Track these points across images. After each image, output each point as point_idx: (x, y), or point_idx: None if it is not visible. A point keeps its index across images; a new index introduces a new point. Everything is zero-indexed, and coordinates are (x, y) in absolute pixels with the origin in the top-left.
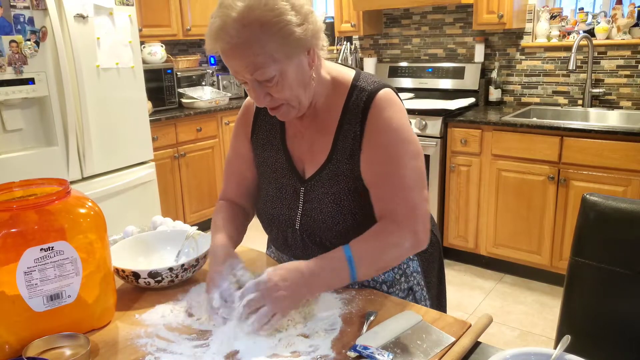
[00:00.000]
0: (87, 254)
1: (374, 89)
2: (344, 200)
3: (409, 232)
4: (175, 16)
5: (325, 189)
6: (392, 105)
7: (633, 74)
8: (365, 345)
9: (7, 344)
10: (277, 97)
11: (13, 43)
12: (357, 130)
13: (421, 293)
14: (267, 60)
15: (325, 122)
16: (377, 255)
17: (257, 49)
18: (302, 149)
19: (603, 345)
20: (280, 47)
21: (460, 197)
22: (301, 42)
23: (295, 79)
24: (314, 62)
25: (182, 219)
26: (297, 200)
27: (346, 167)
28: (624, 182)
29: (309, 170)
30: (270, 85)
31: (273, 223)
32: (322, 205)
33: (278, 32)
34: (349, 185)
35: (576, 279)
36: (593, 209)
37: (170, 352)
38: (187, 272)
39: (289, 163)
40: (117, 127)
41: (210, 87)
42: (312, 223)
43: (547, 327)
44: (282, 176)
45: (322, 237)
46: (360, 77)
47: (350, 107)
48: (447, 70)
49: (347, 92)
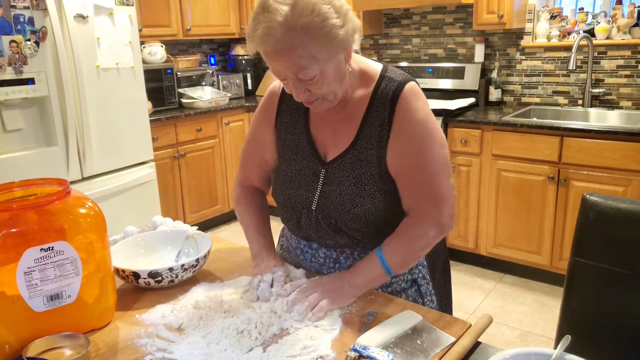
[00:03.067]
0: (87, 254)
1: (403, 80)
2: (366, 184)
3: (432, 220)
4: (175, 16)
5: (347, 173)
6: (420, 97)
7: (633, 74)
8: (365, 345)
9: (7, 344)
10: (316, 92)
11: (13, 43)
12: (385, 117)
13: (426, 287)
14: (311, 61)
15: (352, 110)
16: (405, 247)
17: (302, 52)
18: (325, 133)
19: (603, 345)
20: (324, 49)
21: (460, 197)
22: (343, 42)
23: (334, 75)
24: (350, 57)
25: (182, 219)
26: (316, 182)
27: (371, 153)
28: (624, 182)
29: (331, 154)
30: (311, 83)
31: (289, 203)
32: (342, 188)
33: (323, 36)
34: (372, 170)
35: (576, 279)
36: (593, 209)
37: (170, 352)
38: (187, 272)
39: (310, 146)
40: (117, 127)
41: (210, 87)
42: (330, 205)
43: (547, 327)
44: (303, 158)
45: (337, 220)
46: (388, 69)
47: (378, 95)
48: (447, 70)
49: (376, 82)
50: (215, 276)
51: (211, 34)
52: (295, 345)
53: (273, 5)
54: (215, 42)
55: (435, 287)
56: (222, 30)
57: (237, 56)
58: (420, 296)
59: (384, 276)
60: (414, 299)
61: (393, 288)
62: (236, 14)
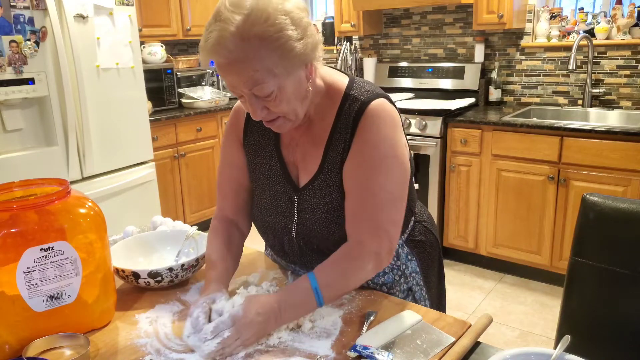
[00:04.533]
0: (87, 254)
1: (366, 99)
2: (338, 210)
3: (372, 254)
4: (175, 16)
5: (318, 199)
6: (383, 118)
7: (633, 74)
8: (365, 345)
9: (7, 344)
10: (275, 110)
11: (13, 43)
12: (346, 140)
13: (420, 293)
14: (266, 76)
15: (318, 132)
16: (342, 281)
17: (257, 64)
18: (296, 156)
19: (603, 345)
20: (280, 63)
21: (460, 197)
22: (301, 57)
23: (293, 93)
24: (312, 75)
25: (182, 219)
26: (292, 209)
27: (338, 178)
28: (624, 182)
29: (303, 179)
30: (268, 99)
31: (269, 230)
32: (315, 215)
33: (278, 48)
34: (341, 196)
35: (576, 279)
36: (593, 209)
37: (170, 352)
38: (187, 272)
39: (283, 170)
40: (117, 127)
41: (210, 87)
42: (308, 232)
43: (547, 327)
44: (277, 183)
45: (319, 245)
46: (354, 85)
47: (342, 117)
48: (447, 70)
49: (341, 100)
50: None
51: None
52: (295, 345)
53: (225, 14)
54: None
55: (429, 291)
56: None
57: None
58: (415, 302)
59: (314, 309)
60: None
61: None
62: None
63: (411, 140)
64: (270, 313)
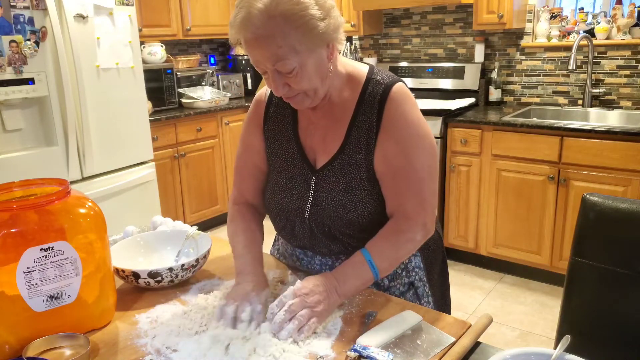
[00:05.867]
0: (87, 254)
1: (390, 82)
2: (357, 189)
3: (419, 225)
4: (175, 16)
5: (337, 178)
6: (408, 99)
7: (633, 74)
8: (365, 345)
9: (7, 344)
10: (295, 87)
11: (13, 43)
12: (372, 121)
13: (423, 289)
14: (289, 52)
15: (339, 114)
16: (394, 252)
17: (280, 41)
18: (314, 139)
19: (603, 345)
20: (303, 40)
21: (460, 197)
22: (323, 36)
23: (314, 71)
24: (333, 56)
25: (182, 219)
26: (307, 190)
27: (360, 157)
28: (624, 182)
29: (321, 160)
30: (290, 76)
31: (282, 213)
32: (333, 194)
33: (302, 25)
34: (361, 174)
35: (576, 279)
36: (593, 209)
37: (170, 352)
38: (187, 272)
39: (300, 153)
40: (117, 127)
41: (210, 87)
42: (322, 212)
43: (547, 327)
44: (293, 166)
45: (330, 226)
46: (374, 71)
47: (365, 98)
48: (447, 70)
49: (362, 84)
50: (215, 276)
51: (211, 34)
52: (294, 345)
53: None
54: (215, 42)
55: (432, 288)
56: (222, 30)
57: (237, 56)
58: (417, 298)
59: (371, 281)
60: (412, 302)
61: (391, 292)
62: None
63: None
64: (329, 284)
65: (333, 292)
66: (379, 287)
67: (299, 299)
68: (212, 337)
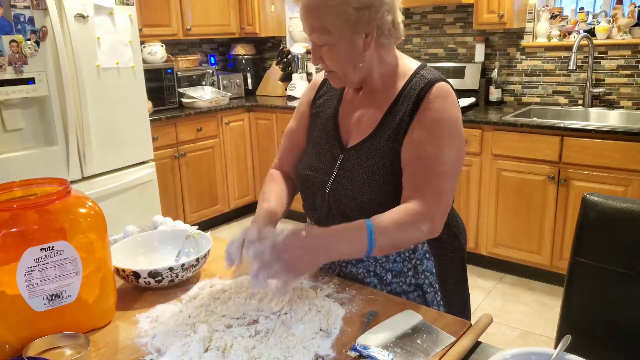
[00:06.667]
0: (87, 253)
1: (433, 79)
2: (377, 174)
3: (429, 216)
4: (175, 16)
5: (362, 160)
6: (448, 97)
7: (633, 73)
8: (365, 345)
9: (7, 344)
10: (327, 63)
11: (13, 43)
12: (407, 110)
13: (434, 296)
14: (322, 29)
15: (380, 101)
16: (396, 232)
17: (317, 15)
18: (351, 121)
19: (603, 345)
20: (334, 22)
21: (460, 197)
22: (356, 25)
23: (345, 56)
24: (370, 47)
25: (182, 218)
26: (333, 166)
27: (387, 144)
28: (624, 182)
29: (352, 141)
30: (322, 50)
31: (307, 184)
32: (354, 174)
33: (334, 8)
34: (385, 161)
35: (576, 279)
36: (593, 209)
37: (170, 352)
38: (187, 271)
39: (335, 131)
40: (117, 127)
41: (211, 87)
42: (341, 189)
43: (547, 327)
44: (326, 142)
45: (345, 206)
46: (424, 68)
47: (407, 90)
48: (447, 70)
49: (409, 77)
50: (216, 276)
51: (211, 34)
52: (295, 344)
53: None
54: (216, 41)
55: (445, 297)
56: (222, 30)
57: (237, 56)
58: (426, 303)
59: (363, 252)
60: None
61: (392, 288)
62: (236, 13)
63: None
64: (318, 244)
65: (320, 252)
66: (381, 281)
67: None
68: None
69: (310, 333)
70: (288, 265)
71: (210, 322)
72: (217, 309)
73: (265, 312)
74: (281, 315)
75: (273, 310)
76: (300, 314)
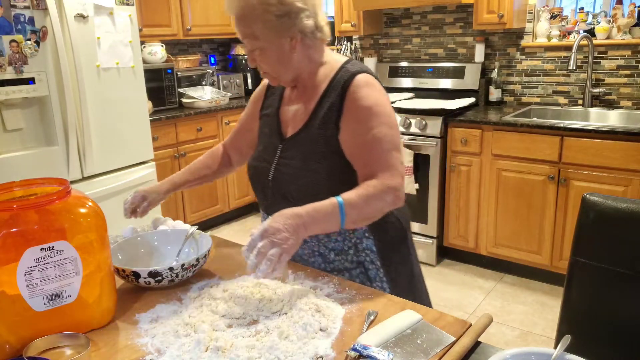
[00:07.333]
0: (88, 253)
1: (356, 71)
2: (311, 159)
3: (390, 187)
4: (175, 16)
5: (298, 148)
6: (369, 85)
7: (633, 73)
8: (365, 344)
9: (8, 344)
10: (260, 65)
11: (13, 43)
12: (335, 101)
13: (376, 272)
14: (251, 35)
15: (311, 95)
16: (364, 205)
17: (245, 23)
18: (288, 115)
19: (603, 345)
20: (261, 29)
21: (460, 196)
22: (278, 30)
23: (275, 58)
24: (296, 49)
25: (182, 218)
26: (274, 156)
27: (319, 132)
28: (624, 182)
29: (290, 133)
30: (255, 54)
31: (254, 174)
32: (291, 162)
33: (259, 16)
34: (318, 148)
35: (576, 279)
36: (593, 209)
37: (170, 352)
38: (188, 271)
39: (277, 125)
40: (117, 127)
41: (211, 87)
42: (281, 176)
43: (547, 327)
44: (270, 136)
45: (286, 190)
46: (350, 62)
47: (334, 83)
48: (447, 70)
49: (335, 72)
50: (216, 276)
51: (211, 34)
52: (295, 344)
53: None
54: (216, 41)
55: (389, 273)
56: (222, 30)
57: (237, 56)
58: (369, 280)
59: (337, 227)
60: (361, 281)
61: (335, 265)
62: None
63: (411, 140)
64: (298, 221)
65: (301, 228)
66: (324, 259)
67: (267, 240)
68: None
69: (310, 333)
70: (281, 246)
71: (210, 322)
72: (217, 309)
73: (265, 312)
74: (281, 315)
75: (273, 310)
76: (300, 314)
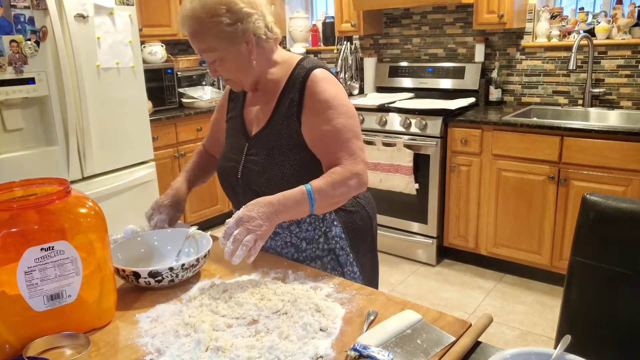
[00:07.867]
0: (88, 253)
1: (311, 67)
2: (275, 153)
3: (353, 173)
4: (175, 16)
5: (263, 144)
6: (324, 79)
7: (633, 73)
8: (365, 344)
9: (8, 344)
10: (221, 74)
11: (13, 43)
12: (294, 97)
13: (346, 258)
14: (207, 48)
15: (272, 93)
16: (330, 190)
17: (200, 38)
18: (252, 115)
19: (603, 345)
20: (216, 40)
21: (460, 197)
22: (232, 38)
23: (234, 64)
24: (253, 53)
25: (182, 218)
26: (241, 155)
27: (282, 127)
28: (624, 182)
29: (254, 131)
30: (216, 65)
31: (223, 175)
32: (257, 158)
33: (211, 29)
34: (282, 142)
35: (576, 279)
36: (593, 209)
37: (170, 352)
38: (188, 271)
39: (242, 126)
40: (117, 127)
41: (211, 87)
42: (249, 172)
43: (547, 327)
44: (236, 136)
45: (254, 184)
46: (304, 60)
47: (292, 80)
48: (447, 70)
49: (292, 69)
50: (216, 276)
51: None
52: (295, 344)
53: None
54: None
55: (358, 259)
56: None
57: None
58: (340, 265)
59: (307, 212)
60: (333, 267)
61: (307, 254)
62: None
63: (411, 140)
64: (271, 209)
65: (273, 215)
66: (297, 249)
67: (242, 227)
68: (213, 345)
69: (310, 333)
70: (256, 232)
71: (210, 322)
72: (217, 309)
73: (265, 312)
74: (281, 315)
75: (273, 310)
76: (300, 314)
